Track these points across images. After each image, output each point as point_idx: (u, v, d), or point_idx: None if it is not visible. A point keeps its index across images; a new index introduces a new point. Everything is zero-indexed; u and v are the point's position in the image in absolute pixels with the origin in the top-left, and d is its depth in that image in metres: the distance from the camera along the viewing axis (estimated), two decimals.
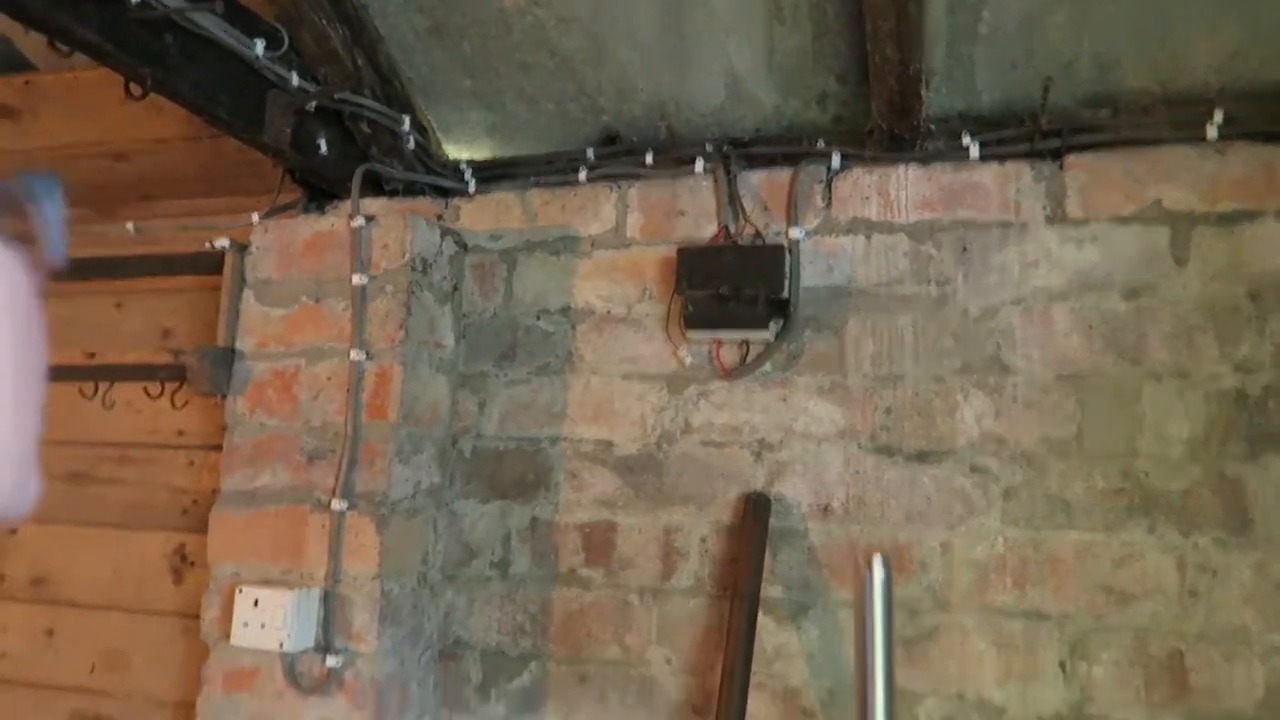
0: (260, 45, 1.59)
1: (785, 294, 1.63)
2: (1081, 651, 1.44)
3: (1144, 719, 1.40)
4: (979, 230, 1.59)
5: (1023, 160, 1.59)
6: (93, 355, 1.93)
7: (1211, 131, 1.49)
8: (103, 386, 2.04)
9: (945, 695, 1.49)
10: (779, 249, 1.64)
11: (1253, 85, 1.49)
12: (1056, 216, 1.56)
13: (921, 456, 1.56)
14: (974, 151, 1.60)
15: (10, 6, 1.29)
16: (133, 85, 1.47)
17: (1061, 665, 1.45)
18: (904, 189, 1.64)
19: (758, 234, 1.70)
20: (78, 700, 1.99)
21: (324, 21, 1.66)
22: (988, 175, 1.60)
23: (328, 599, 1.64)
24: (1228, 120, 1.49)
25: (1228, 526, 1.41)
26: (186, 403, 1.98)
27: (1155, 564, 1.43)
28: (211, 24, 1.50)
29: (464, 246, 1.89)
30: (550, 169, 1.87)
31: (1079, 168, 1.55)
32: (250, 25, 1.60)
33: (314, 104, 1.72)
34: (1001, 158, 1.59)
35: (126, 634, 1.97)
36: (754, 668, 1.54)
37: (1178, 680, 1.40)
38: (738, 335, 1.66)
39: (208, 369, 1.76)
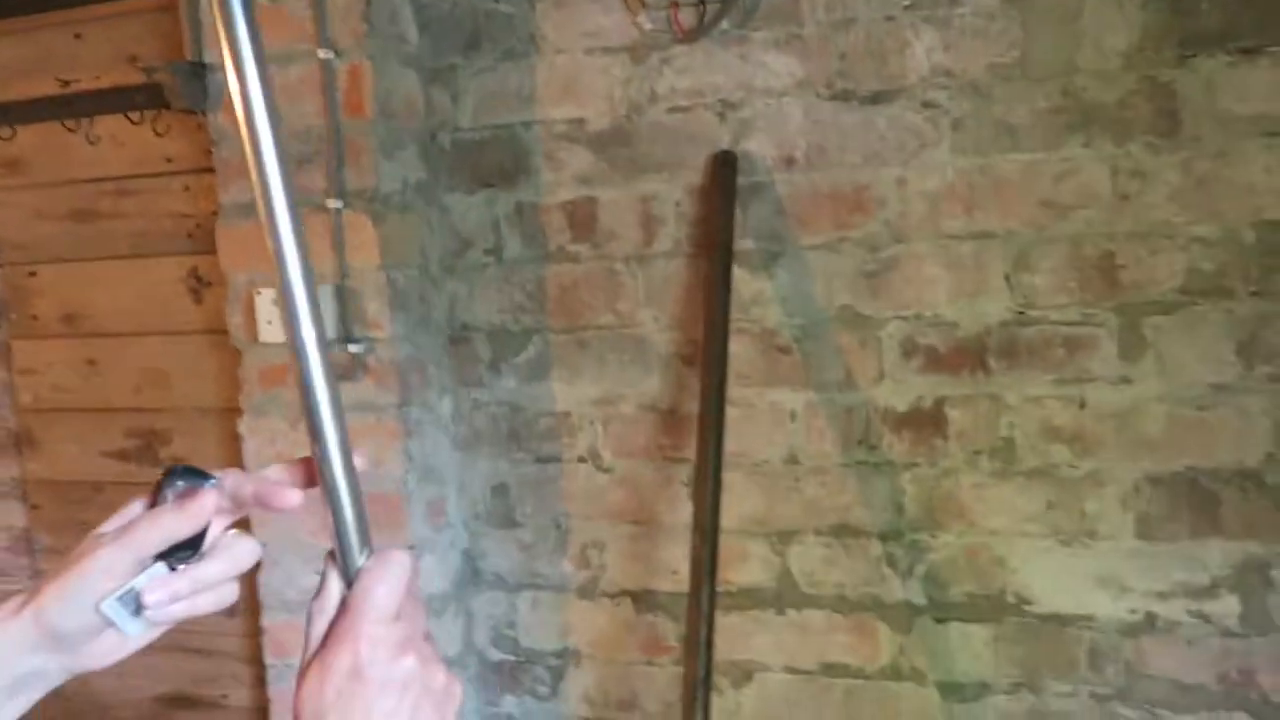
0: None
1: None
2: (1024, 264, 1.80)
3: (1078, 315, 1.78)
4: None
5: None
6: (67, 83, 2.22)
7: None
8: (84, 123, 2.36)
9: (905, 318, 1.88)
10: None
11: None
12: None
13: (875, 98, 1.85)
14: None
15: None
16: None
17: (1006, 278, 1.82)
18: None
19: None
20: (129, 420, 2.49)
21: None
22: None
23: (340, 293, 2.04)
24: None
25: (1157, 130, 1.71)
26: (169, 128, 2.30)
27: (1091, 175, 1.75)
28: None
29: None
30: None
31: None
32: None
33: None
34: None
35: (161, 354, 2.43)
36: (733, 315, 1.93)
37: (1108, 278, 1.76)
38: None
39: (184, 85, 2.06)
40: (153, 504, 0.68)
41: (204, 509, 0.66)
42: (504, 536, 2.19)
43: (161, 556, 0.66)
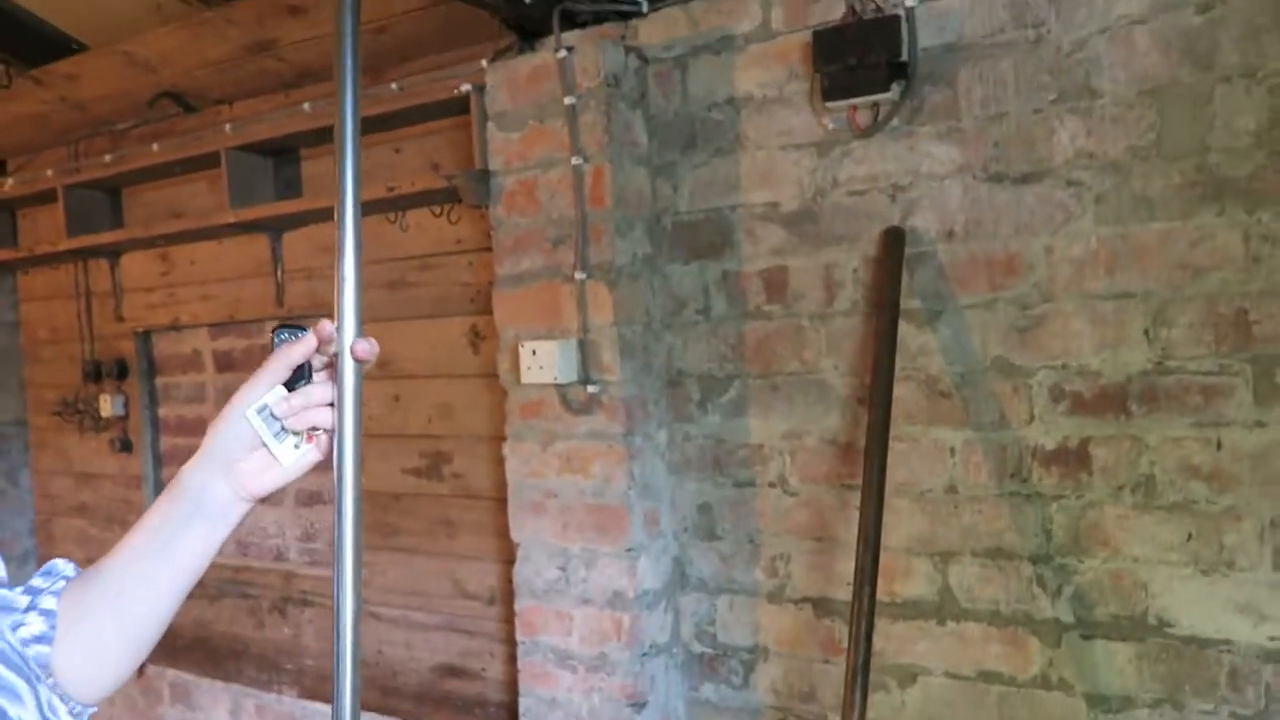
0: None
1: (903, 57, 2.18)
2: (1162, 319, 1.99)
3: (1214, 365, 1.94)
4: None
5: None
6: (392, 188, 2.87)
7: None
8: (400, 215, 3.02)
9: (1053, 367, 2.10)
10: (895, 19, 2.18)
11: None
12: None
13: (1025, 178, 2.11)
14: None
15: None
16: None
17: (1145, 332, 2.00)
18: None
19: (878, 8, 2.23)
20: (422, 444, 3.10)
21: None
22: None
23: (582, 345, 2.52)
24: None
25: None
26: (460, 218, 2.91)
27: (1224, 240, 1.92)
28: None
29: (645, 59, 2.58)
30: None
31: None
32: None
33: None
34: None
35: (448, 393, 3.02)
36: (901, 364, 2.23)
37: (1243, 332, 1.91)
38: (868, 99, 2.25)
39: (472, 187, 2.64)
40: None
41: (307, 344, 0.94)
42: (707, 547, 2.56)
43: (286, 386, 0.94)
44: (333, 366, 0.95)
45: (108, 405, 3.85)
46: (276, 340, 0.96)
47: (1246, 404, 1.91)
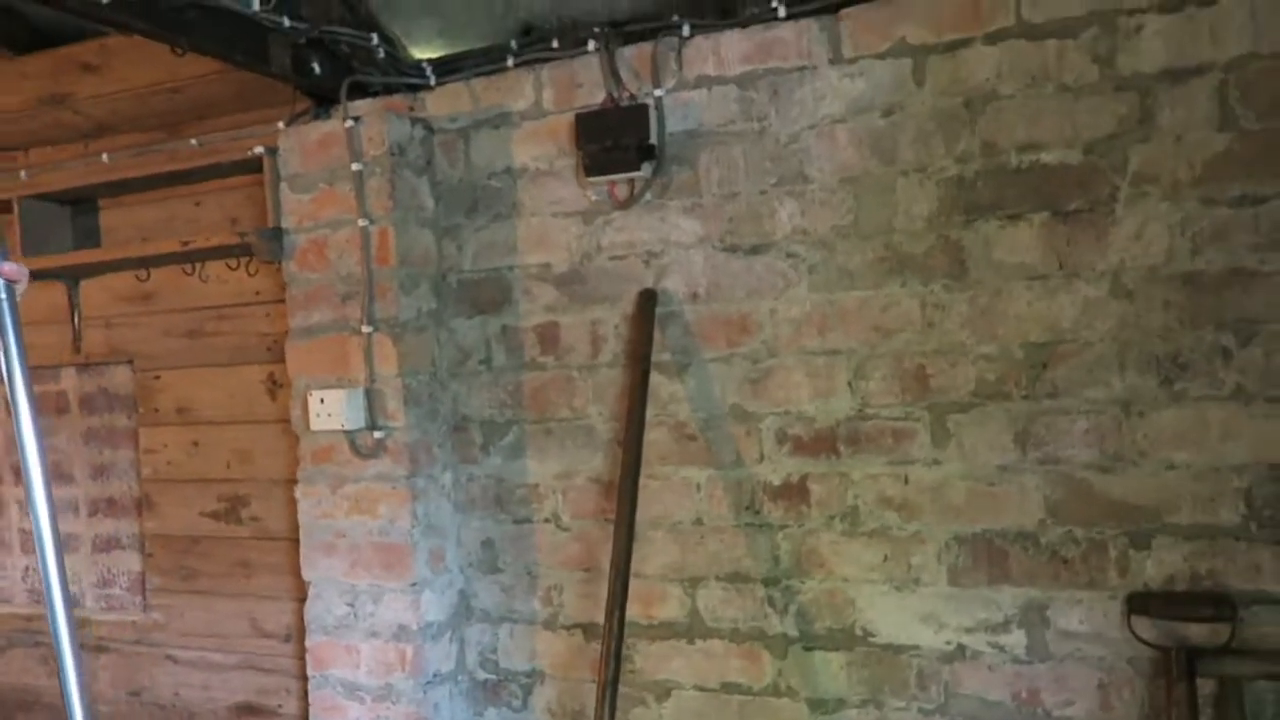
0: (255, 2, 2.45)
1: (652, 140, 2.43)
2: (861, 373, 2.29)
3: (901, 413, 2.25)
4: (784, 75, 2.34)
5: (812, 16, 2.29)
6: (186, 243, 2.91)
7: None
8: (198, 266, 3.07)
9: (778, 413, 2.38)
10: (644, 107, 2.43)
11: None
12: (836, 58, 2.29)
13: (754, 250, 2.39)
14: (781, 12, 2.32)
15: (82, 11, 2.18)
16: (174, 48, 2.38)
17: (849, 384, 2.30)
18: (731, 48, 2.39)
19: (632, 96, 2.48)
20: (222, 487, 3.13)
21: None
22: (788, 31, 2.33)
23: (369, 394, 2.64)
24: None
25: (951, 275, 2.20)
26: (257, 271, 2.99)
27: (906, 307, 2.24)
28: None
29: (430, 130, 2.75)
30: (487, 59, 2.68)
31: (848, 18, 2.27)
32: None
33: (303, 38, 2.58)
34: (797, 15, 2.30)
35: (246, 439, 3.07)
36: (653, 411, 2.47)
37: (922, 384, 2.24)
38: (623, 176, 2.49)
39: (265, 244, 2.73)
40: None
41: None
42: (490, 580, 2.71)
43: None
44: None
45: None
46: None
47: (926, 445, 2.24)
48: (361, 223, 2.63)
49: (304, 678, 2.84)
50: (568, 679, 2.63)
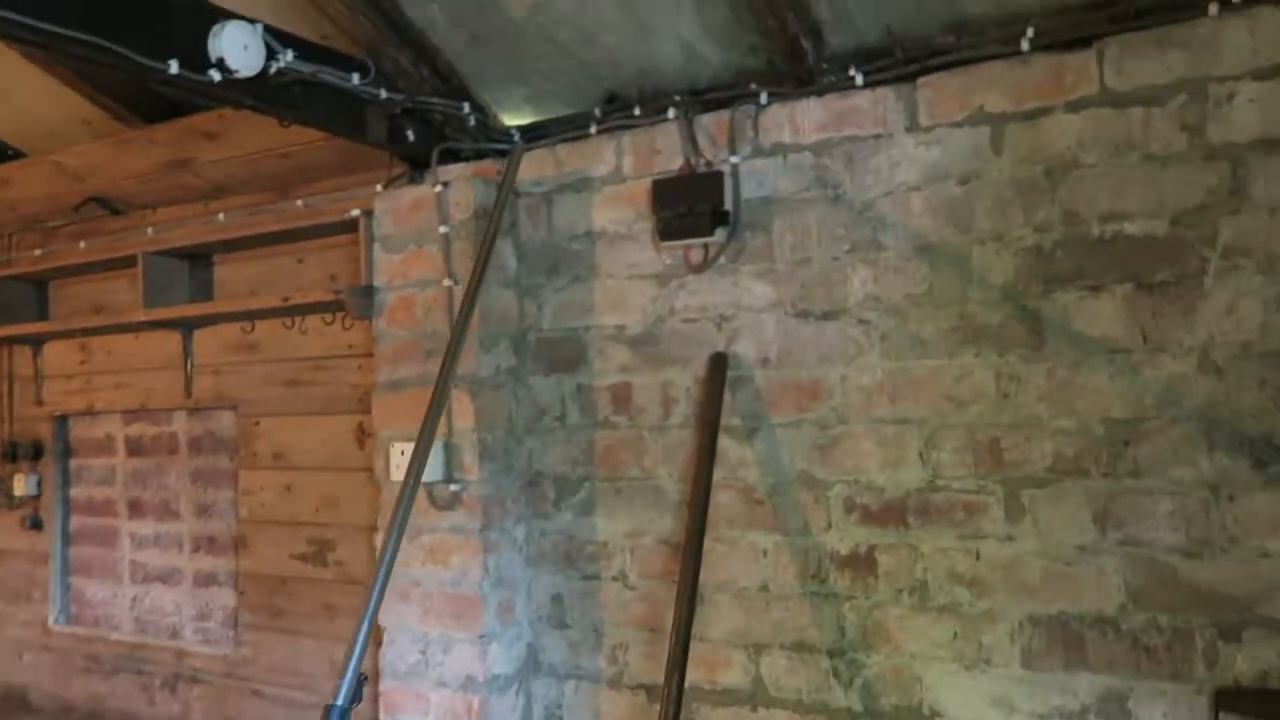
0: (355, 77, 2.56)
1: (726, 206, 2.43)
2: (933, 443, 2.21)
3: (973, 485, 2.15)
4: (860, 143, 2.30)
5: (889, 84, 2.26)
6: (287, 298, 3.04)
7: (1025, 45, 2.11)
8: (298, 319, 3.19)
9: (846, 481, 2.30)
10: (719, 174, 2.43)
11: (1054, 3, 2.08)
12: (913, 126, 2.24)
13: (826, 316, 2.34)
14: (859, 80, 2.30)
15: (201, 90, 2.31)
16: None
17: (920, 454, 2.22)
18: (807, 117, 2.37)
19: (708, 163, 2.49)
20: (310, 530, 3.21)
21: (394, 49, 2.60)
22: (864, 100, 2.30)
23: (447, 448, 2.68)
24: (1039, 33, 2.09)
25: (1028, 345, 2.11)
26: (351, 325, 3.08)
27: (980, 378, 2.16)
28: (323, 74, 2.47)
29: (517, 193, 2.80)
30: (572, 126, 2.73)
31: (926, 86, 2.22)
32: (346, 64, 2.56)
33: (399, 109, 2.68)
34: (875, 84, 2.28)
35: (335, 485, 3.15)
36: (721, 474, 2.43)
37: (995, 457, 2.14)
38: (698, 241, 2.48)
39: (358, 301, 2.82)
40: None
41: None
42: (558, 635, 2.69)
43: None
44: None
45: (21, 485, 3.90)
46: None
47: (999, 520, 2.13)
48: (447, 282, 2.69)
49: None
50: None
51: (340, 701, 1.97)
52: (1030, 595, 2.09)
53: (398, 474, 2.70)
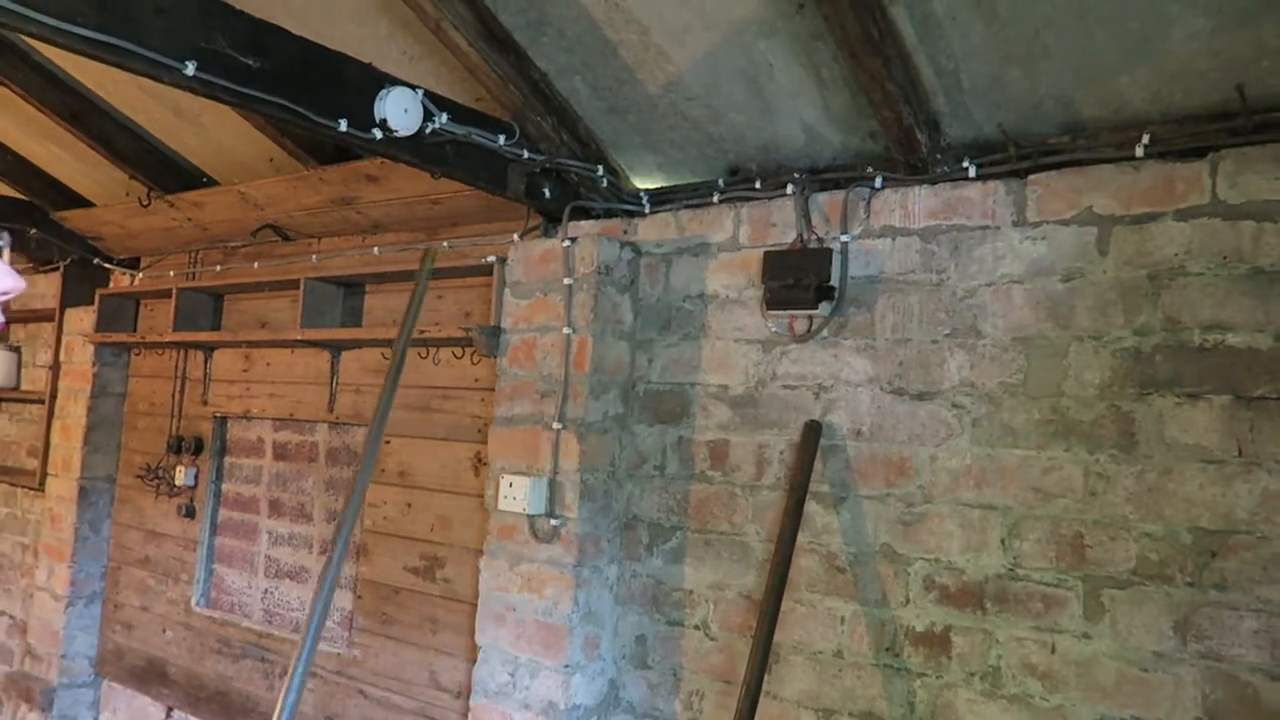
0: (501, 138, 2.79)
1: (832, 282, 2.52)
2: (1016, 532, 2.21)
3: (1054, 578, 2.15)
4: (967, 232, 2.35)
5: (1000, 179, 2.31)
6: (424, 331, 3.29)
7: (1139, 151, 2.13)
8: (432, 351, 3.44)
9: (927, 559, 2.33)
10: (828, 250, 2.52)
11: (1172, 112, 2.09)
12: (1020, 220, 2.28)
13: (920, 396, 2.39)
14: (971, 172, 2.36)
15: (366, 147, 2.58)
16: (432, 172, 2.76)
17: (1002, 541, 2.23)
18: (918, 203, 2.44)
19: (819, 239, 2.58)
20: (424, 547, 3.43)
21: (539, 115, 2.82)
22: (974, 191, 2.35)
23: (551, 484, 2.85)
24: (1154, 141, 2.11)
25: (1119, 446, 2.10)
26: (478, 361, 3.31)
27: (1069, 472, 2.15)
28: (473, 135, 2.71)
29: (638, 252, 2.97)
30: (695, 194, 2.89)
31: (1037, 183, 2.26)
32: (493, 126, 2.80)
33: (539, 168, 2.89)
34: (986, 177, 2.33)
35: (450, 506, 3.36)
36: (806, 538, 2.49)
37: (1078, 553, 2.13)
38: (801, 313, 2.58)
39: (485, 339, 3.04)
40: None
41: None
42: (639, 675, 2.80)
43: None
44: None
45: (181, 475, 4.31)
46: None
47: (1078, 616, 2.12)
48: (565, 330, 2.87)
49: None
50: None
51: None
52: (1104, 696, 2.07)
53: (505, 503, 2.89)
